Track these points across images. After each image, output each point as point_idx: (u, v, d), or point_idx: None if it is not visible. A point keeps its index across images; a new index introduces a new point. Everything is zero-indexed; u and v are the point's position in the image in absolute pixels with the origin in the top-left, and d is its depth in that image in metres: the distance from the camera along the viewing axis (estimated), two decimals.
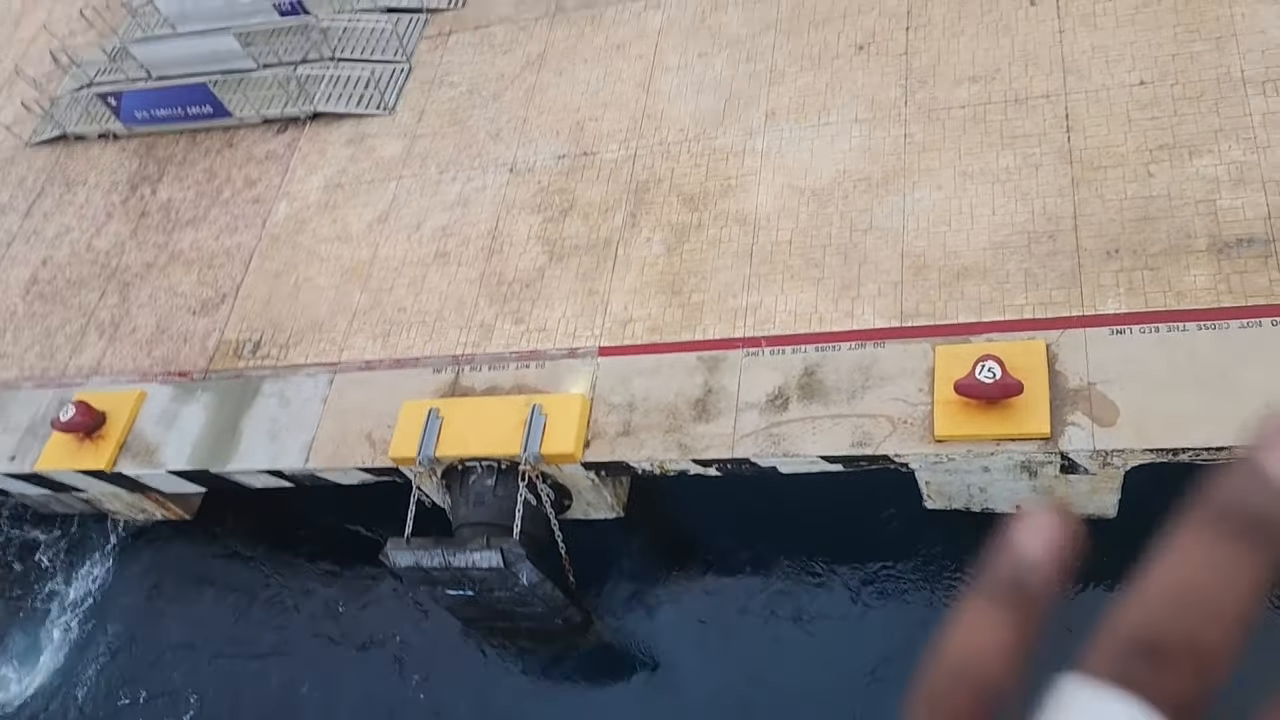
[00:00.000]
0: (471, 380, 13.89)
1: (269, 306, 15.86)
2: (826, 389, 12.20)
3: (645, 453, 12.46)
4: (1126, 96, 13.07)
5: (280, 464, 14.00)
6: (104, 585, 16.32)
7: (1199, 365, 10.92)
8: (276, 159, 17.86)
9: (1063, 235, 12.31)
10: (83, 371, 16.27)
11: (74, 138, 19.94)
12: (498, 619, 13.49)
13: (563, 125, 16.19)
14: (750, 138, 14.81)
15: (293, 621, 15.22)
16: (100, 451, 14.84)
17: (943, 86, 14.15)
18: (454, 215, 15.75)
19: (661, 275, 13.90)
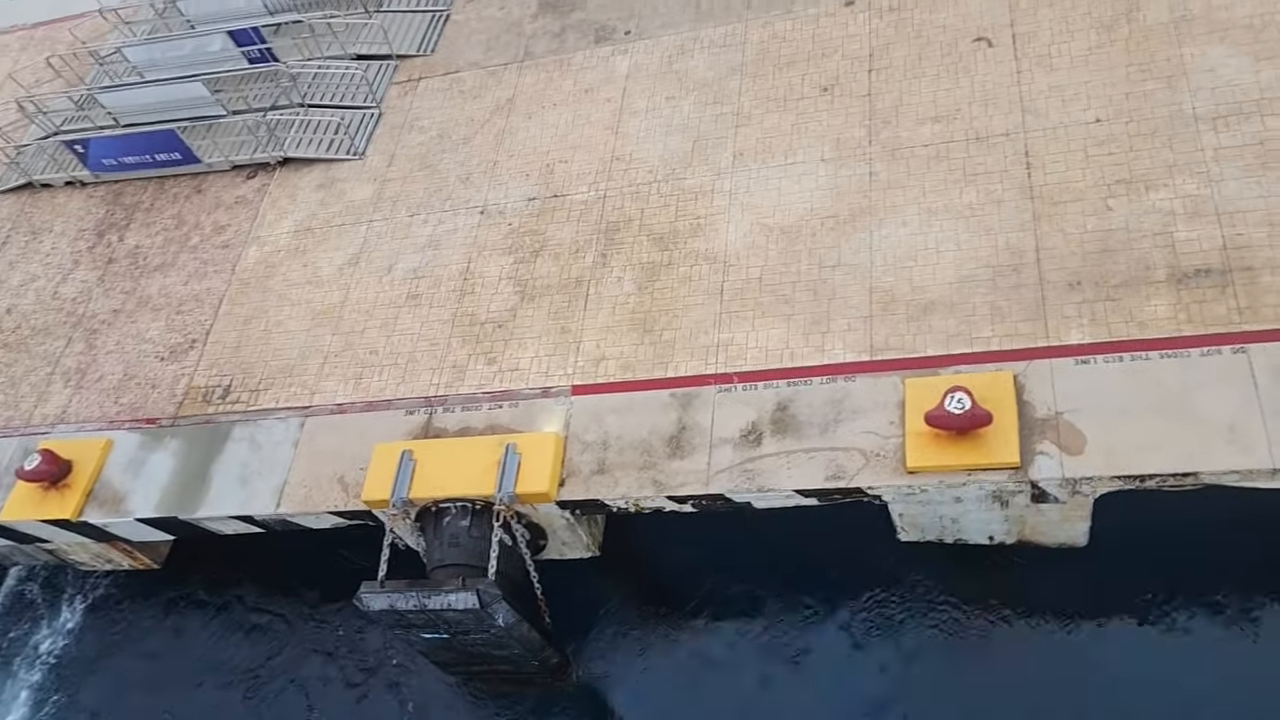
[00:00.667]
0: (444, 421, 13.86)
1: (239, 351, 15.77)
2: (799, 423, 12.29)
3: (620, 490, 12.46)
4: (1084, 134, 13.43)
5: (251, 509, 13.85)
6: (69, 638, 15.96)
7: (1163, 393, 11.14)
8: (246, 204, 17.86)
9: (1026, 268, 12.56)
10: (48, 420, 16.06)
11: (40, 186, 19.84)
12: (473, 662, 13.33)
13: (533, 168, 16.35)
14: (718, 178, 15.03)
15: (263, 671, 14.93)
16: (66, 500, 14.61)
17: (905, 126, 14.46)
18: (425, 257, 15.80)
19: (633, 314, 14.00)
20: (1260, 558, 11.98)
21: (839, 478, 11.74)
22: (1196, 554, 12.29)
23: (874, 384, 12.31)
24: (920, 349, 12.40)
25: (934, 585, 13.06)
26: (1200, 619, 12.04)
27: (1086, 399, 11.35)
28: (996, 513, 11.83)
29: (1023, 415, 11.43)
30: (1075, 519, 11.71)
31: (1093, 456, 10.98)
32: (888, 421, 11.95)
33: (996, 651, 12.59)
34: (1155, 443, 10.84)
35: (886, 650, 12.89)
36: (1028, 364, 11.83)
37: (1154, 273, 12.01)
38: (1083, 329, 11.87)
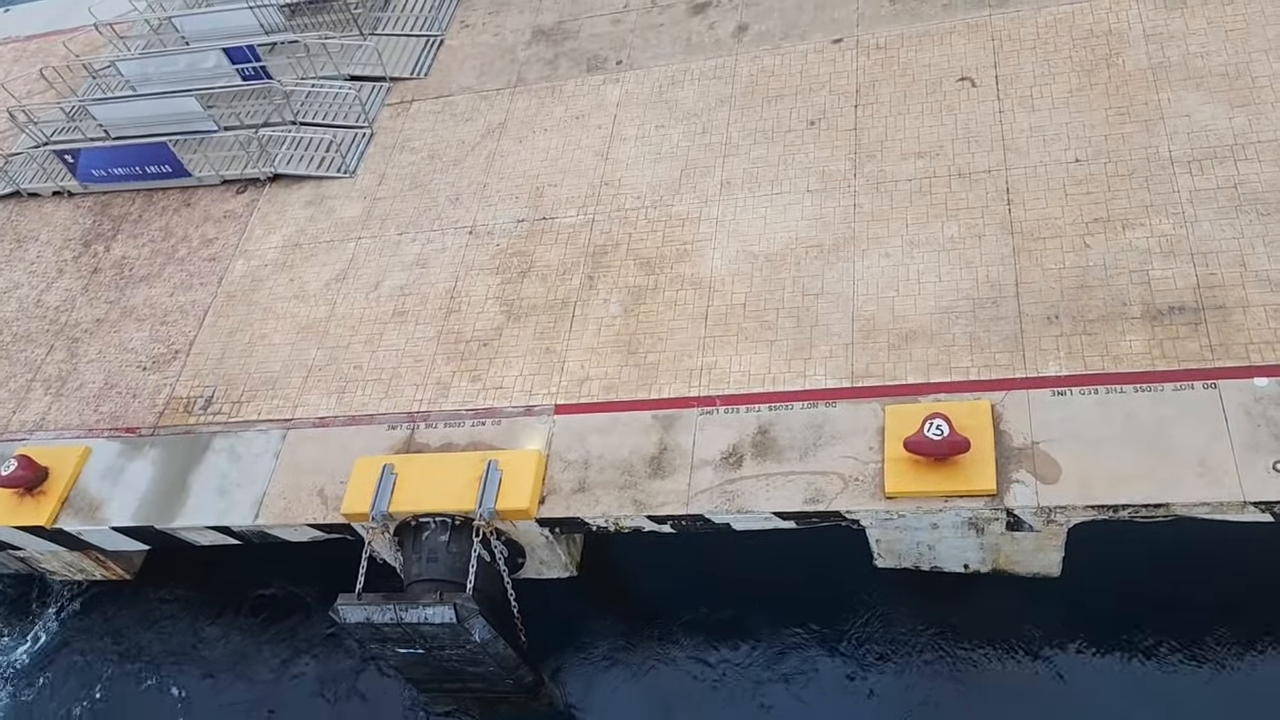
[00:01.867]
0: (427, 437, 13.89)
1: (222, 363, 15.77)
2: (780, 447, 12.42)
3: (600, 509, 12.51)
4: (1063, 173, 13.75)
5: (229, 520, 13.80)
6: (37, 648, 15.75)
7: (1136, 425, 11.35)
8: (235, 218, 17.93)
9: (1005, 301, 12.81)
10: (26, 427, 15.96)
11: (27, 195, 19.84)
12: (447, 680, 13.26)
13: (522, 191, 16.53)
14: (705, 205, 15.25)
15: (231, 688, 14.79)
16: (41, 507, 14.50)
17: (890, 160, 14.75)
18: (413, 275, 15.91)
19: (618, 335, 14.13)
20: (1230, 590, 12.17)
21: (818, 501, 11.85)
22: (1168, 586, 12.46)
23: (854, 410, 12.47)
24: (900, 377, 12.58)
25: (909, 613, 13.17)
26: (1171, 651, 12.20)
27: (1062, 430, 11.54)
28: (972, 540, 11.95)
29: (1000, 444, 11.61)
30: (1049, 548, 11.85)
31: (1067, 486, 11.15)
32: (867, 447, 12.10)
33: (970, 681, 12.68)
34: (1129, 474, 11.03)
35: (860, 678, 12.97)
36: (1005, 394, 12.03)
37: (1129, 309, 12.27)
38: (1060, 361, 12.10)
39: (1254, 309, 11.81)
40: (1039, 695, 12.36)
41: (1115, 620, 12.49)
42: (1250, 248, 12.29)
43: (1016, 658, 12.68)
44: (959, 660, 12.82)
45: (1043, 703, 12.31)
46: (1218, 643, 12.05)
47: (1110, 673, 12.31)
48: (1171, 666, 12.14)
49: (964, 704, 12.55)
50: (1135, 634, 12.37)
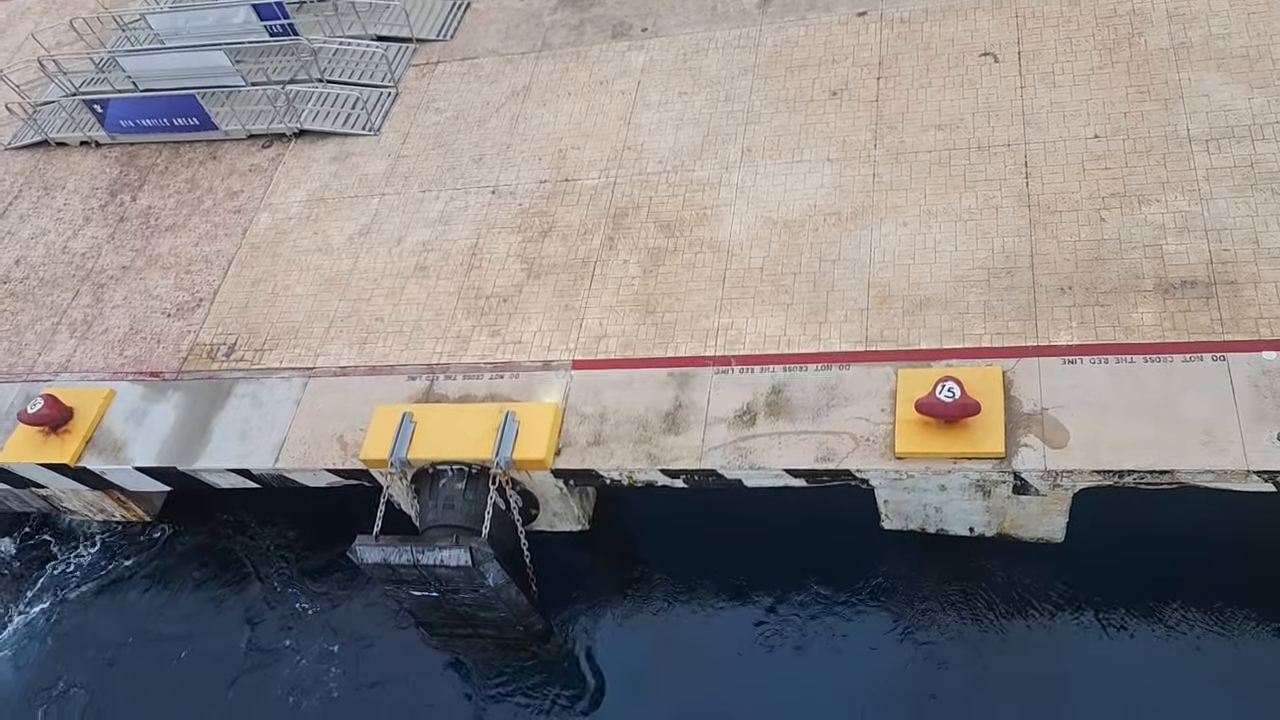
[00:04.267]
0: (446, 388, 14.16)
1: (246, 312, 16.04)
2: (793, 407, 12.65)
3: (615, 462, 12.77)
4: (1082, 148, 13.91)
5: (250, 463, 14.08)
6: (57, 587, 16.10)
7: (1145, 395, 11.56)
8: (260, 172, 18.17)
9: (1020, 272, 13.00)
10: (51, 368, 16.27)
11: (55, 144, 20.09)
12: (459, 625, 13.57)
13: (545, 153, 16.73)
14: (726, 171, 15.44)
15: (246, 627, 15.10)
16: (66, 446, 14.81)
17: (910, 132, 14.92)
18: (435, 232, 16.14)
19: (636, 295, 14.36)
20: (1229, 561, 12.39)
21: (829, 460, 12.09)
22: (1169, 557, 12.68)
23: (867, 373, 12.69)
24: (914, 342, 12.80)
25: (913, 575, 13.42)
26: (1170, 620, 12.42)
27: (1071, 397, 11.76)
28: (978, 503, 12.19)
29: (1009, 409, 11.83)
30: (1054, 513, 12.09)
31: (1075, 451, 11.37)
32: (879, 409, 12.33)
33: (969, 643, 12.92)
34: (1135, 441, 11.25)
35: (862, 636, 13.22)
36: (1017, 361, 12.24)
37: (1142, 282, 12.46)
38: (1071, 331, 12.30)
39: (1265, 285, 11.99)
40: (1037, 660, 12.59)
41: (1116, 588, 12.72)
42: (1264, 225, 12.46)
43: (1017, 622, 12.92)
44: (960, 622, 13.05)
45: (1041, 667, 12.53)
46: (1216, 613, 12.27)
47: (1109, 640, 12.54)
48: (1170, 636, 12.37)
49: (963, 665, 12.79)
50: (1135, 602, 12.61)
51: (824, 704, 12.82)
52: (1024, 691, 12.37)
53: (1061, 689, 12.26)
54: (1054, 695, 12.23)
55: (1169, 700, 11.98)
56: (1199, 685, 12.03)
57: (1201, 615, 12.37)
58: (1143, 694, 12.05)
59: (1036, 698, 12.28)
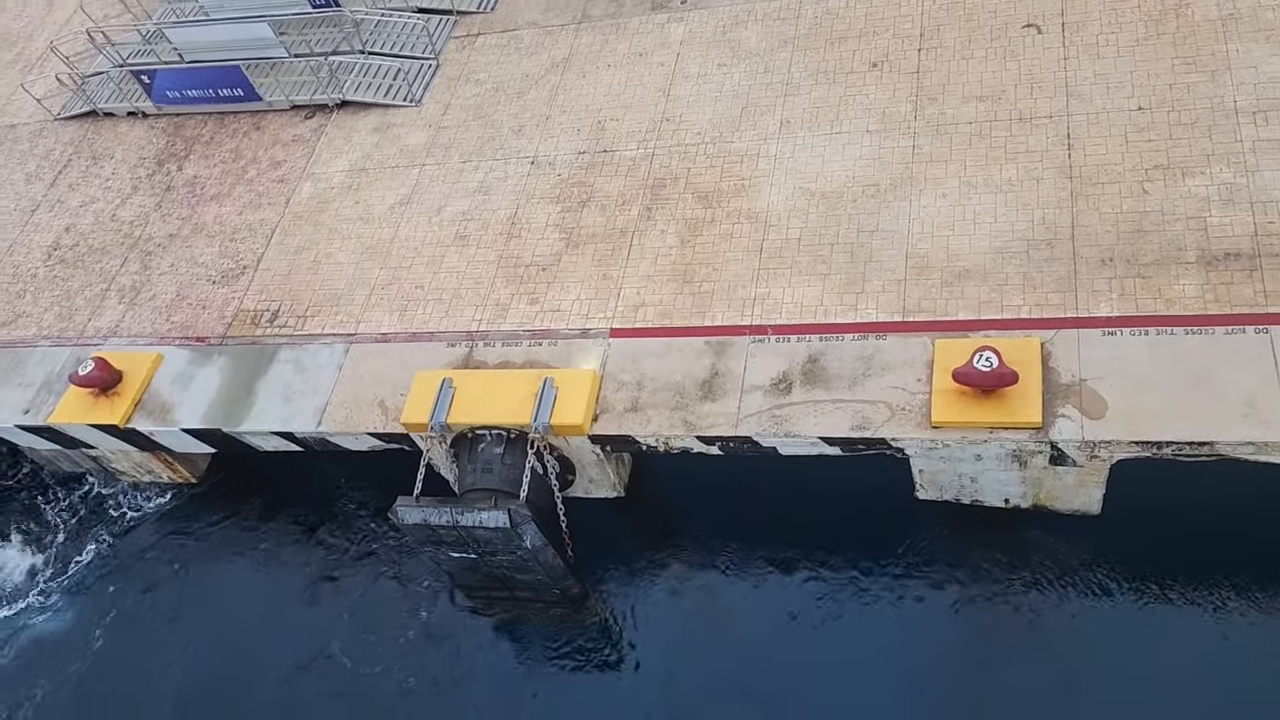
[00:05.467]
0: (485, 355, 14.35)
1: (289, 279, 16.32)
2: (829, 376, 12.71)
3: (651, 428, 12.90)
4: (1125, 120, 13.79)
5: (293, 426, 14.37)
6: (106, 544, 16.53)
7: (1185, 366, 11.50)
8: (303, 142, 18.41)
9: (1060, 243, 12.94)
10: (101, 333, 16.64)
11: (103, 114, 20.46)
12: (496, 587, 13.81)
13: (584, 124, 16.82)
14: (764, 143, 15.46)
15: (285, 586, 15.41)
16: (115, 408, 15.17)
17: (951, 104, 14.86)
18: (475, 201, 16.31)
19: (674, 265, 14.45)
20: (1271, 536, 12.31)
21: (864, 428, 12.14)
22: (1207, 531, 12.61)
23: (904, 343, 12.72)
24: (952, 313, 12.80)
25: (947, 545, 13.45)
26: (1207, 596, 12.37)
27: (1110, 368, 11.72)
28: (1014, 473, 12.20)
29: (1047, 380, 11.81)
30: (1091, 484, 12.07)
31: (1113, 422, 11.35)
32: (915, 379, 12.36)
33: (1001, 615, 12.94)
34: (1175, 412, 11.21)
35: (893, 607, 13.27)
36: (1055, 332, 12.21)
37: (1185, 254, 12.37)
38: (1111, 303, 12.25)
39: None
40: (1070, 633, 12.60)
41: (1152, 562, 12.69)
42: None
43: (1051, 595, 12.92)
44: (993, 595, 13.08)
45: (1074, 641, 12.54)
46: (1253, 590, 12.21)
47: (1143, 614, 12.52)
48: (1205, 611, 12.32)
49: (994, 637, 12.82)
50: (1171, 577, 12.56)
51: (855, 675, 12.90)
52: (1056, 665, 12.38)
53: (1094, 663, 12.28)
54: (1086, 670, 12.24)
55: (1201, 676, 11.95)
56: (1232, 662, 11.99)
57: (1238, 591, 12.31)
58: (1175, 669, 12.03)
59: (1068, 672, 12.30)
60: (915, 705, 12.44)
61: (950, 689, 12.48)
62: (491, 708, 13.64)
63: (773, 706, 12.98)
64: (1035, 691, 12.20)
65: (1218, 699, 11.75)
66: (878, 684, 12.79)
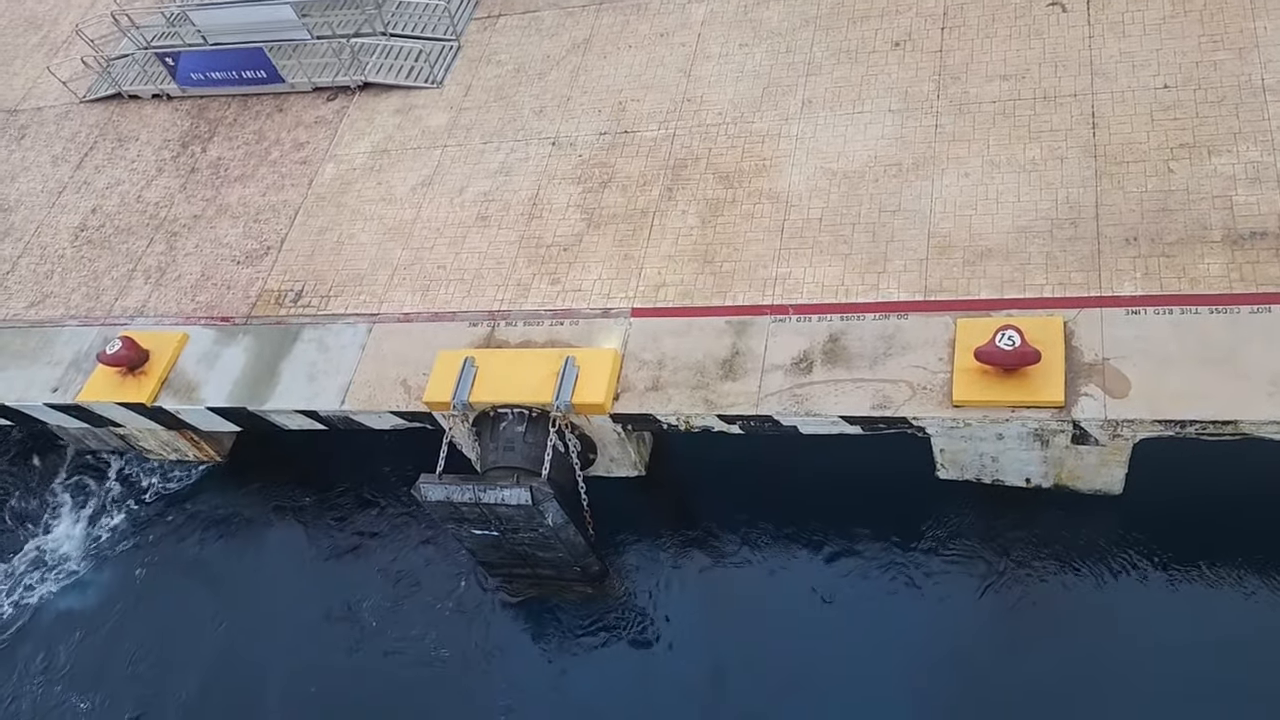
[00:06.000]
0: (506, 334, 14.43)
1: (312, 259, 16.44)
2: (850, 355, 12.72)
3: (672, 407, 12.95)
4: (1150, 98, 13.68)
5: (317, 405, 14.51)
6: (134, 520, 16.77)
7: (1209, 346, 11.45)
8: (325, 124, 18.52)
9: (1084, 222, 12.88)
10: (127, 312, 16.83)
11: (128, 97, 20.62)
12: (518, 565, 13.91)
13: (605, 105, 16.83)
14: (786, 123, 15.43)
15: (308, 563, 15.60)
16: (142, 386, 15.36)
17: (974, 83, 14.78)
18: (496, 182, 16.36)
19: (695, 245, 14.47)
20: None
21: (885, 407, 12.15)
22: (1230, 512, 12.57)
23: (925, 322, 12.70)
24: (974, 292, 12.77)
25: (968, 525, 13.45)
26: (1229, 578, 12.33)
27: (1134, 347, 11.67)
28: (1036, 453, 12.19)
29: (1070, 359, 11.78)
30: (1113, 464, 12.04)
31: (1136, 401, 11.31)
32: (937, 358, 12.35)
33: (1022, 595, 12.94)
34: (1198, 391, 11.16)
35: (913, 587, 13.29)
36: (1078, 311, 12.16)
37: (1210, 233, 12.28)
38: (1135, 282, 12.18)
39: None
40: (1092, 615, 12.58)
41: (1174, 542, 12.65)
42: None
43: (1071, 575, 12.91)
44: (1013, 575, 13.08)
45: (1095, 623, 12.52)
46: (1276, 570, 12.16)
47: (1165, 596, 12.50)
48: (1226, 593, 12.29)
49: (1014, 618, 12.83)
50: (1193, 558, 12.53)
51: (875, 654, 12.94)
52: (1077, 644, 12.38)
53: (1116, 643, 12.27)
54: (1108, 649, 12.24)
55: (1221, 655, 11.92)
56: (1252, 641, 11.96)
57: (1260, 572, 12.27)
58: (1196, 649, 12.01)
59: (1089, 651, 12.30)
60: (936, 682, 12.47)
61: (971, 667, 12.50)
62: (520, 683, 13.78)
63: (793, 683, 13.05)
64: (1056, 671, 12.20)
65: (1239, 678, 11.73)
66: (898, 661, 12.83)
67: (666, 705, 13.22)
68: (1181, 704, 11.66)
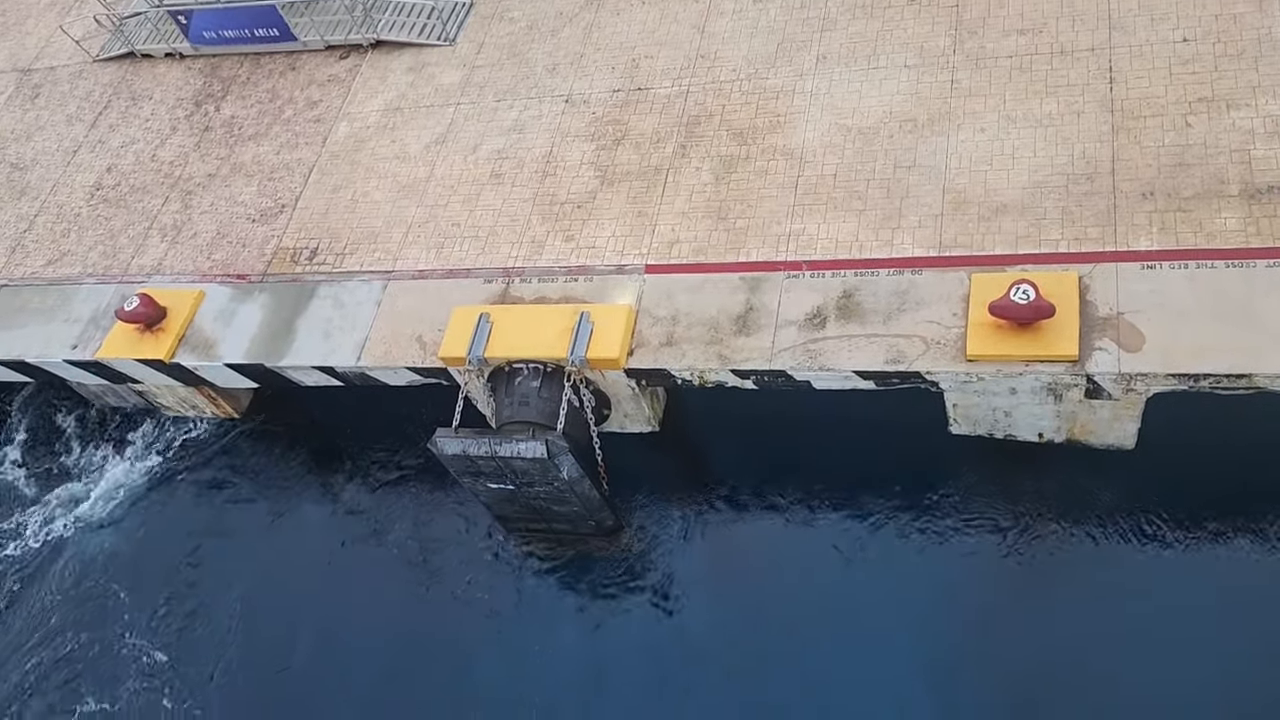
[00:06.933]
0: (521, 291, 14.49)
1: (326, 217, 16.49)
2: (864, 310, 12.75)
3: (686, 362, 13.02)
4: (1169, 52, 13.57)
5: (333, 361, 14.62)
6: (153, 477, 16.98)
7: (1225, 300, 11.44)
8: (338, 82, 18.49)
9: (1100, 177, 12.83)
10: (144, 270, 16.94)
11: (141, 56, 20.61)
12: (533, 519, 14.08)
13: (619, 62, 16.76)
14: (800, 79, 15.35)
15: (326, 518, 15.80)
16: (160, 343, 15.49)
17: (991, 37, 14.66)
18: (510, 140, 16.35)
19: (709, 202, 14.47)
20: None
21: (898, 362, 12.20)
22: (1243, 468, 12.62)
23: (940, 278, 12.71)
24: (989, 248, 12.76)
25: (981, 480, 13.54)
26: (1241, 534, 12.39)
27: (1149, 301, 11.67)
28: (1049, 407, 12.23)
29: (1084, 313, 11.78)
30: (1126, 418, 12.08)
31: (1150, 355, 11.33)
32: (951, 313, 12.37)
33: (1035, 550, 13.04)
34: (1213, 345, 11.16)
35: (927, 542, 13.41)
36: (1094, 266, 12.15)
37: (1227, 187, 12.23)
38: (1151, 237, 12.15)
39: None
40: (1102, 568, 12.69)
41: (1186, 497, 12.72)
42: None
43: (1083, 529, 12.99)
44: (1026, 529, 13.17)
45: (1105, 577, 12.62)
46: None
47: (1175, 550, 12.58)
48: (1240, 546, 12.36)
49: (1026, 572, 12.93)
50: (1205, 514, 12.60)
51: (887, 609, 13.07)
52: (1087, 600, 12.50)
53: (1129, 598, 12.37)
54: (1117, 605, 12.35)
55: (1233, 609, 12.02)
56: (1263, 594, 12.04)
57: (1271, 528, 12.33)
58: (1208, 603, 12.11)
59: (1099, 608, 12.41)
60: (948, 636, 12.61)
61: (982, 622, 12.64)
62: (530, 636, 13.98)
63: (803, 638, 13.20)
64: (1067, 625, 12.33)
65: (1250, 631, 11.83)
66: (912, 615, 12.96)
67: (677, 658, 13.40)
68: (1189, 658, 11.77)
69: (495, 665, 13.88)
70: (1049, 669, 12.16)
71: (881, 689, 12.43)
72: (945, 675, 12.40)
